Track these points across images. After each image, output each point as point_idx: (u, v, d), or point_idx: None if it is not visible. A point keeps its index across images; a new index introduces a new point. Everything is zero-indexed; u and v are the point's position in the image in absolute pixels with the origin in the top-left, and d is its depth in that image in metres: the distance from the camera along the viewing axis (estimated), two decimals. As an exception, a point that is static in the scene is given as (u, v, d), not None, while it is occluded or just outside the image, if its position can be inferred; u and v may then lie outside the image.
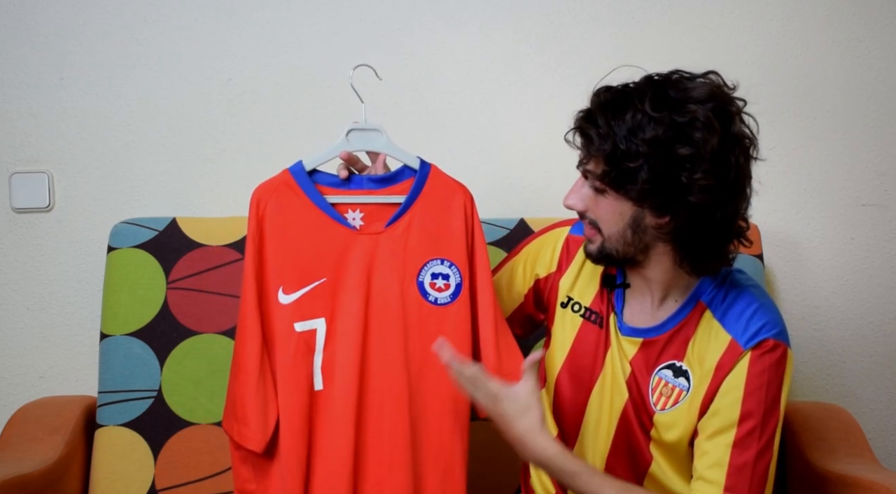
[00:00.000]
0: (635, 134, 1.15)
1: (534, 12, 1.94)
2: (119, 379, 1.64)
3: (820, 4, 1.96)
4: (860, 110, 1.98)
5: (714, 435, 1.22)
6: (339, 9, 1.92)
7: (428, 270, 1.33)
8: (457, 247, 1.34)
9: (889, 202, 1.99)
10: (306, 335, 1.29)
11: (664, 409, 1.27)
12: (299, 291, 1.29)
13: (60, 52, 1.88)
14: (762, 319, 1.23)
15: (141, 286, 1.67)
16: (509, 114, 1.95)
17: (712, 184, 1.15)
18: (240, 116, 1.91)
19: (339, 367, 1.28)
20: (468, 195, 1.37)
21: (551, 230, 1.46)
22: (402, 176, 1.35)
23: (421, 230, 1.33)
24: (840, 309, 1.99)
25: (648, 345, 1.29)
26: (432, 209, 1.34)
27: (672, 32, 1.94)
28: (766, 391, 1.21)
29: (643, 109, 1.15)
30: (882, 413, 2.01)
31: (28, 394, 1.86)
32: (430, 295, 1.32)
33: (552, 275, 1.40)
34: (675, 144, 1.14)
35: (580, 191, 1.26)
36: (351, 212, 1.32)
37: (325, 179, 1.34)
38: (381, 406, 1.29)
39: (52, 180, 1.89)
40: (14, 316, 1.90)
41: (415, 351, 1.31)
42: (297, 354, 1.28)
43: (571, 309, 1.37)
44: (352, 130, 1.36)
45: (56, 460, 1.55)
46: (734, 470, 1.19)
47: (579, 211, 1.27)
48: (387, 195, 1.34)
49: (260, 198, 1.32)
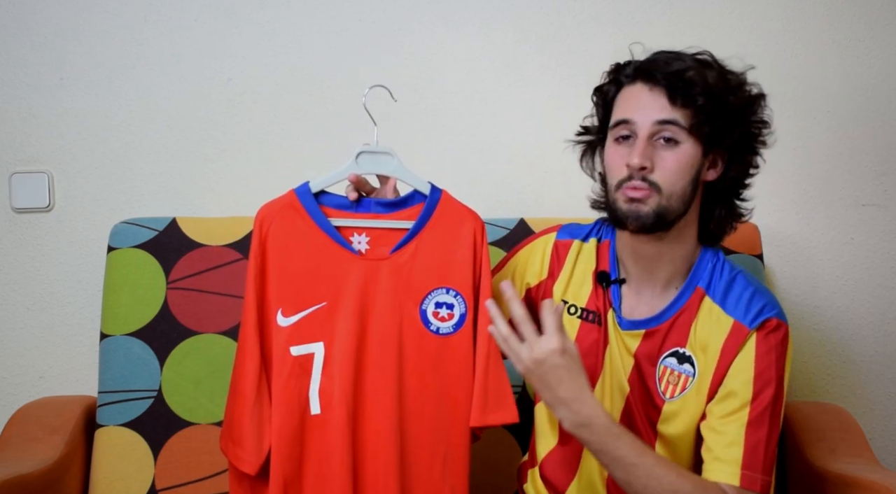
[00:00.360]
0: (733, 91, 1.26)
1: (534, 12, 1.93)
2: (119, 379, 1.64)
3: (820, 4, 1.96)
4: (860, 110, 1.97)
5: (728, 416, 1.23)
6: (339, 9, 1.92)
7: (432, 299, 1.30)
8: (463, 276, 1.31)
9: (889, 202, 1.99)
10: (302, 359, 1.27)
11: (673, 397, 1.28)
12: (298, 315, 1.28)
13: (60, 52, 1.88)
14: (762, 300, 1.27)
15: (141, 286, 1.67)
16: (509, 114, 1.94)
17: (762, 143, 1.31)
18: (240, 116, 1.91)
19: (335, 393, 1.27)
20: (479, 223, 1.33)
21: (537, 238, 1.45)
22: (412, 201, 1.33)
23: (428, 257, 1.30)
24: (840, 309, 1.99)
25: (651, 336, 1.30)
26: (441, 236, 1.31)
27: (672, 32, 1.94)
28: (775, 369, 1.24)
29: (730, 71, 1.28)
30: (882, 413, 2.01)
31: (28, 394, 1.87)
32: (433, 325, 1.30)
33: (544, 282, 1.40)
34: (757, 110, 1.30)
35: (644, 150, 1.24)
36: (357, 236, 1.30)
37: (333, 201, 1.32)
38: (376, 433, 1.27)
39: (52, 180, 1.89)
40: (14, 316, 1.90)
41: (411, 380, 1.28)
42: (290, 378, 1.27)
43: (568, 312, 1.37)
44: (362, 153, 1.32)
45: (56, 460, 1.55)
46: (750, 449, 1.21)
47: (646, 168, 1.24)
48: (394, 220, 1.32)
49: (264, 218, 1.30)
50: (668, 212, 1.25)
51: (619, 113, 1.28)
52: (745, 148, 1.30)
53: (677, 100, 1.23)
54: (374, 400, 1.27)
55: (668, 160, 1.24)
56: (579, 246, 1.40)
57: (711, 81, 1.24)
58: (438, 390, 1.29)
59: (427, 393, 1.29)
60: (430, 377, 1.29)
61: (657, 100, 1.24)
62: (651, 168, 1.24)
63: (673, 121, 1.23)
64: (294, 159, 1.92)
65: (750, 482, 1.20)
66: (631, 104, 1.27)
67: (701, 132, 1.24)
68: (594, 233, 1.41)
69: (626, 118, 1.26)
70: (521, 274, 1.42)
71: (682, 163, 1.24)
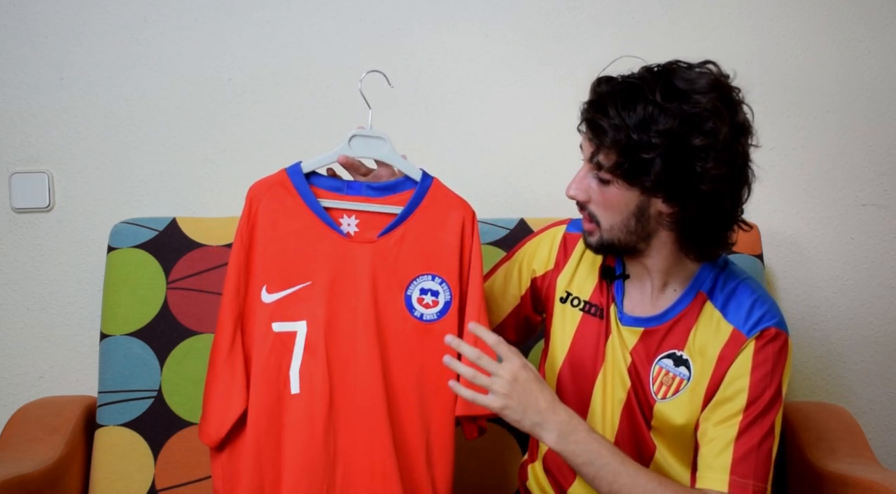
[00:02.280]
0: (649, 126, 1.16)
1: (534, 12, 1.93)
2: (119, 379, 1.64)
3: (820, 4, 1.96)
4: (860, 110, 1.97)
5: (720, 423, 1.23)
6: (339, 9, 1.92)
7: (417, 285, 1.31)
8: (450, 263, 1.31)
9: (889, 202, 1.99)
10: (284, 336, 1.28)
11: (665, 398, 1.28)
12: (282, 292, 1.28)
13: (60, 52, 1.88)
14: (762, 308, 1.26)
15: (141, 286, 1.67)
16: (509, 114, 1.94)
17: (723, 172, 1.18)
18: (240, 116, 1.91)
19: (316, 373, 1.27)
20: (469, 212, 1.34)
21: (547, 230, 1.46)
22: (403, 186, 1.33)
23: (414, 243, 1.31)
24: (840, 309, 1.99)
25: (649, 335, 1.30)
26: (428, 223, 1.32)
27: (672, 32, 1.94)
28: (770, 378, 1.23)
29: (654, 100, 1.17)
30: (882, 413, 2.01)
31: (28, 394, 1.87)
32: (416, 311, 1.30)
33: (549, 273, 1.41)
34: (689, 135, 1.16)
35: (583, 182, 1.26)
36: (346, 218, 1.31)
37: (324, 183, 1.33)
38: (354, 416, 1.27)
39: (52, 180, 1.89)
40: (14, 316, 1.90)
41: (394, 364, 1.29)
42: (271, 354, 1.27)
43: (571, 304, 1.38)
44: (355, 136, 1.33)
45: (56, 460, 1.55)
46: (740, 457, 1.21)
47: (581, 201, 1.27)
48: (384, 204, 1.32)
49: (254, 195, 1.31)
50: (616, 243, 1.26)
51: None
52: (683, 184, 1.19)
53: (603, 139, 1.20)
54: (355, 383, 1.27)
55: (603, 198, 1.25)
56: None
57: (630, 122, 1.17)
58: (419, 376, 1.29)
59: (408, 380, 1.29)
60: (412, 363, 1.29)
61: (589, 140, 1.25)
62: (587, 200, 1.26)
63: (597, 164, 1.23)
64: (294, 159, 1.91)
65: (740, 488, 1.20)
66: (583, 137, 1.27)
67: (624, 172, 1.20)
68: None
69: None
70: (529, 263, 1.43)
71: (613, 201, 1.24)
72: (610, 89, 1.21)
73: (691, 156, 1.17)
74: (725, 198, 1.20)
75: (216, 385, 1.27)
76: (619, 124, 1.18)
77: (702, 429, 1.25)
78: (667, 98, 1.17)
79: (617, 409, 1.32)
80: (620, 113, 1.18)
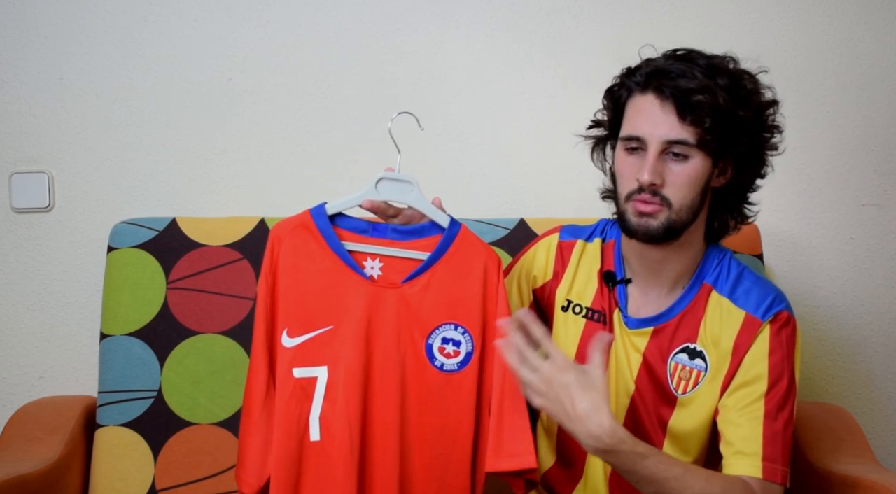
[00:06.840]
0: (745, 104, 1.25)
1: (534, 12, 1.93)
2: (119, 379, 1.64)
3: (820, 4, 1.96)
4: (860, 110, 1.97)
5: (744, 408, 1.24)
6: (339, 9, 1.92)
7: (439, 334, 1.27)
8: (473, 313, 1.28)
9: (889, 202, 1.99)
10: (304, 382, 1.25)
11: (685, 393, 1.29)
12: (303, 336, 1.25)
13: (60, 52, 1.88)
14: (771, 293, 1.29)
15: (141, 286, 1.67)
16: (509, 114, 1.94)
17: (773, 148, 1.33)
18: (240, 116, 1.91)
19: (336, 420, 1.24)
20: (494, 259, 1.30)
21: (540, 240, 1.44)
22: (430, 231, 1.30)
23: (439, 291, 1.27)
24: (840, 309, 1.99)
25: (659, 332, 1.31)
26: (454, 271, 1.28)
27: (672, 33, 1.94)
28: (788, 361, 1.26)
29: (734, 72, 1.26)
30: (882, 413, 2.01)
31: (28, 394, 1.86)
32: (437, 360, 1.27)
33: (549, 284, 1.40)
34: (767, 113, 1.30)
35: (657, 165, 1.23)
36: (370, 261, 1.28)
37: (349, 224, 1.29)
38: (374, 464, 1.24)
39: (52, 180, 1.89)
40: (14, 316, 1.90)
41: (412, 414, 1.25)
42: (291, 400, 1.24)
43: (573, 312, 1.37)
44: (382, 179, 1.29)
45: (56, 460, 1.55)
46: (769, 440, 1.22)
47: (656, 186, 1.24)
48: (409, 249, 1.29)
49: (277, 237, 1.27)
50: (678, 224, 1.25)
51: (630, 126, 1.26)
52: (754, 155, 1.30)
53: (686, 118, 1.22)
54: (375, 431, 1.24)
55: (678, 175, 1.24)
56: (583, 246, 1.40)
57: (721, 100, 1.21)
58: (437, 427, 1.26)
59: (426, 429, 1.25)
60: (431, 413, 1.26)
61: (667, 118, 1.23)
62: (662, 183, 1.24)
63: (682, 140, 1.22)
64: (294, 159, 1.92)
65: (771, 473, 1.21)
66: (641, 119, 1.25)
67: (709, 147, 1.23)
68: (598, 232, 1.41)
69: (637, 135, 1.25)
70: (527, 276, 1.42)
71: (692, 177, 1.24)
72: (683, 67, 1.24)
73: (766, 136, 1.30)
74: (764, 166, 1.33)
75: (254, 432, 1.24)
76: (714, 105, 1.21)
77: (722, 415, 1.26)
78: (741, 73, 1.27)
79: (620, 416, 1.32)
80: (712, 92, 1.22)
